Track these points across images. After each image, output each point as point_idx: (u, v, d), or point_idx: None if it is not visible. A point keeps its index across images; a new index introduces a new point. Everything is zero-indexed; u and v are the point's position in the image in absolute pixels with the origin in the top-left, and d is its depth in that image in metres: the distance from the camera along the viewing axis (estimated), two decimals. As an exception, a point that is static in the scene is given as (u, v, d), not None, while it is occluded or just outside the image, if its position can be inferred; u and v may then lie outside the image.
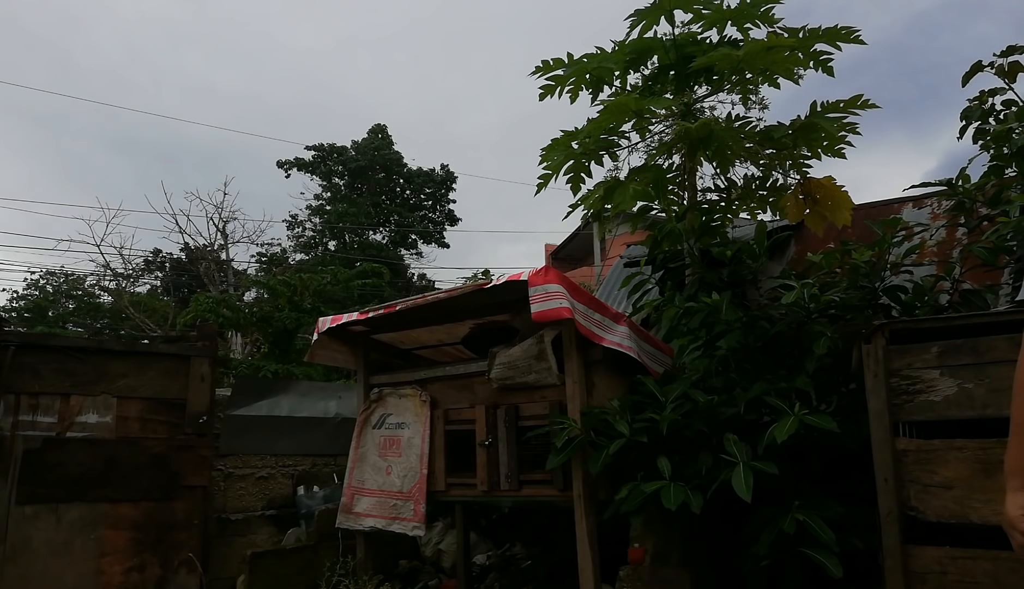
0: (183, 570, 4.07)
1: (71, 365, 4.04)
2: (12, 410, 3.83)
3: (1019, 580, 2.22)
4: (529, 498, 3.56)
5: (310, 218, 27.34)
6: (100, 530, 3.89)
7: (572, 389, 3.34)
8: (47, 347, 4.07)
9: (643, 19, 3.85)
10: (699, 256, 4.02)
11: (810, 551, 2.54)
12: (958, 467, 2.37)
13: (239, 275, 21.92)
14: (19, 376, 3.88)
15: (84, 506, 3.88)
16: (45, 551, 3.74)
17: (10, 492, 3.71)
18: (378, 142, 27.93)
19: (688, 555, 3.22)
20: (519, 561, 4.81)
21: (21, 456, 3.76)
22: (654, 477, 2.88)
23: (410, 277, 27.43)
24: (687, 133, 3.67)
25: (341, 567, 3.94)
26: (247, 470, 5.14)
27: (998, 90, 3.76)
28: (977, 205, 3.48)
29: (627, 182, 3.98)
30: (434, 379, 4.05)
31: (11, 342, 3.89)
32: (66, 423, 3.97)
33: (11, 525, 3.68)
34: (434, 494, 3.88)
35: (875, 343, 2.57)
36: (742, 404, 2.99)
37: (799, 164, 3.97)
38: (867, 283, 3.32)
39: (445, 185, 28.66)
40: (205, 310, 10.74)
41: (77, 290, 23.74)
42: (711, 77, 4.05)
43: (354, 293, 13.45)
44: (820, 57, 3.76)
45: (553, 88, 4.07)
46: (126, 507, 3.99)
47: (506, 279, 3.40)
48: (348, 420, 5.13)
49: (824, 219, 3.86)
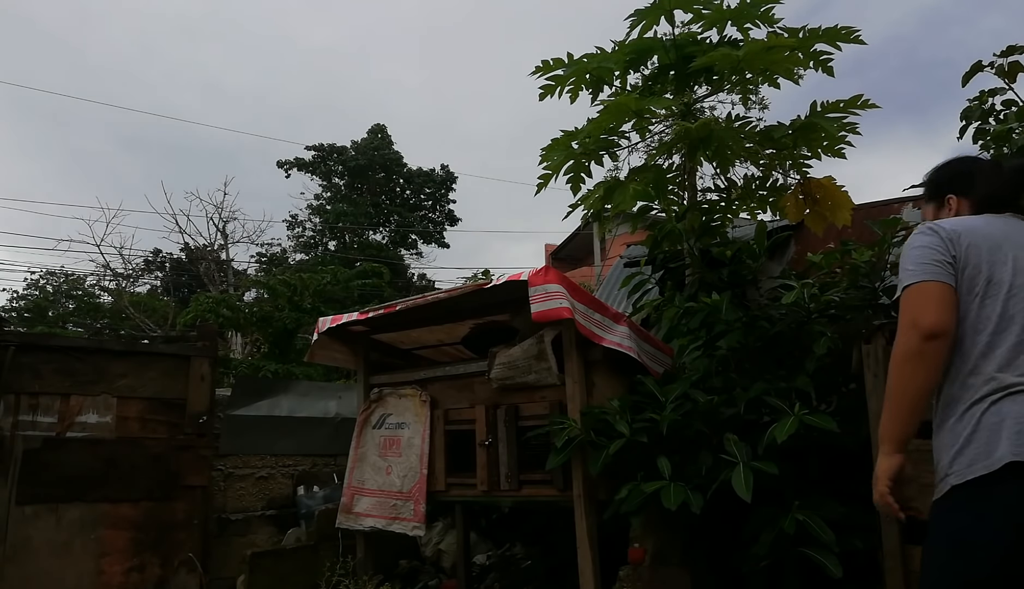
0: (183, 570, 4.07)
1: (71, 365, 4.04)
2: (12, 410, 3.83)
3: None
4: (529, 498, 3.56)
5: (310, 218, 27.35)
6: (100, 530, 3.89)
7: (572, 389, 3.34)
8: (47, 347, 4.07)
9: (643, 19, 3.85)
10: (699, 256, 4.02)
11: (810, 551, 2.54)
12: (958, 467, 2.37)
13: (239, 275, 21.93)
14: (19, 376, 3.88)
15: (84, 506, 3.88)
16: (45, 551, 3.73)
17: (10, 492, 3.71)
18: (378, 142, 27.92)
19: (688, 555, 3.22)
20: (519, 561, 4.81)
21: (21, 456, 3.76)
22: (654, 477, 2.88)
23: (410, 277, 27.43)
24: (687, 133, 3.66)
25: (341, 567, 3.94)
26: (247, 470, 5.14)
27: (998, 90, 3.75)
28: (977, 205, 3.48)
29: (627, 182, 3.98)
30: (434, 379, 4.05)
31: (11, 342, 3.89)
32: (66, 423, 3.97)
33: (11, 525, 3.68)
34: (434, 494, 3.88)
35: (875, 343, 2.57)
36: (742, 404, 2.99)
37: (799, 164, 3.97)
38: (867, 283, 3.32)
39: (445, 185, 28.66)
40: (205, 310, 10.74)
41: (77, 290, 23.75)
42: (711, 77, 4.05)
43: (354, 293, 13.45)
44: (820, 57, 3.76)
45: (553, 88, 4.07)
46: (126, 507, 3.99)
47: (506, 279, 3.40)
48: (348, 420, 5.13)
49: (824, 219, 3.86)
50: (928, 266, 1.61)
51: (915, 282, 1.61)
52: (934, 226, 1.69)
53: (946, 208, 1.88)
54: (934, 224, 1.70)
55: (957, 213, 1.84)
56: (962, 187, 1.86)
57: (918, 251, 1.65)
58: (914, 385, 1.56)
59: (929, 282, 1.59)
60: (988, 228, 1.68)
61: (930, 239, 1.66)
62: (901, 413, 1.59)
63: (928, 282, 1.59)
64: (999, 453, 1.46)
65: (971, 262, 1.62)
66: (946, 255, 1.62)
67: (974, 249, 1.63)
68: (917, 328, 1.55)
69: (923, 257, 1.63)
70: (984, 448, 1.49)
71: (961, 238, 1.64)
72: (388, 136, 28.47)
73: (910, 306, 1.60)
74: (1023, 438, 1.45)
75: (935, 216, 1.90)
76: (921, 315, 1.56)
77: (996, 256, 1.62)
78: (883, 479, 1.62)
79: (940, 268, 1.60)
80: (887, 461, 1.62)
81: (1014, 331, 1.56)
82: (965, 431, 1.53)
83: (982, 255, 1.62)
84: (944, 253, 1.62)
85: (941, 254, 1.62)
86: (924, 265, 1.62)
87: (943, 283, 1.59)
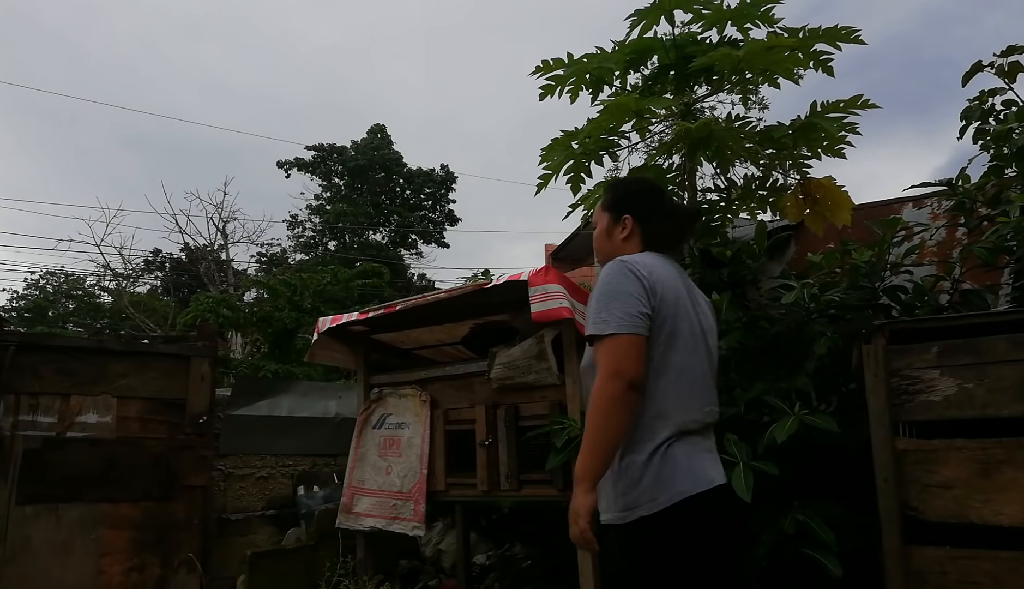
0: (183, 570, 4.07)
1: (71, 365, 4.04)
2: (12, 410, 3.82)
3: (1019, 580, 2.22)
4: (529, 498, 3.56)
5: (310, 218, 27.36)
6: (100, 530, 3.89)
7: (572, 389, 3.34)
8: (47, 347, 4.07)
9: (643, 19, 3.85)
10: (699, 256, 4.02)
11: (810, 551, 2.54)
12: (958, 467, 2.37)
13: (239, 275, 21.94)
14: (19, 376, 3.87)
15: (84, 506, 3.88)
16: (45, 551, 3.73)
17: (10, 492, 3.71)
18: (378, 142, 27.93)
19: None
20: (519, 561, 4.81)
21: (21, 456, 3.76)
22: (654, 477, 2.87)
23: (410, 277, 27.43)
24: (687, 133, 3.66)
25: (341, 567, 3.94)
26: (247, 470, 5.14)
27: (998, 90, 3.76)
28: (977, 205, 3.48)
29: (627, 182, 3.98)
30: (434, 379, 4.05)
31: (11, 342, 3.89)
32: (66, 423, 3.97)
33: (11, 525, 3.68)
34: (434, 494, 3.88)
35: (875, 343, 2.57)
36: (742, 404, 2.99)
37: (799, 164, 3.96)
38: (867, 283, 3.32)
39: (445, 185, 28.67)
40: (205, 310, 10.75)
41: (77, 290, 23.75)
42: (711, 77, 4.05)
43: (354, 293, 13.45)
44: (820, 57, 3.76)
45: (553, 88, 4.07)
46: (126, 507, 3.99)
47: (506, 279, 3.41)
48: (348, 420, 5.13)
49: (824, 219, 3.86)
50: (635, 319, 1.75)
51: (623, 334, 1.73)
52: (639, 272, 1.80)
53: (620, 225, 2.02)
54: (639, 269, 1.81)
55: (630, 234, 1.99)
56: (642, 213, 2.00)
57: (626, 299, 1.77)
58: (615, 431, 1.71)
59: (634, 336, 1.74)
60: (669, 277, 1.86)
61: (636, 287, 1.79)
62: (600, 454, 1.71)
63: (633, 336, 1.74)
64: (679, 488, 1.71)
65: (662, 313, 1.79)
66: (647, 307, 1.77)
67: (665, 302, 1.80)
68: (622, 378, 1.70)
69: (631, 307, 1.76)
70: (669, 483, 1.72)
71: (656, 289, 1.80)
72: (388, 136, 28.48)
73: (617, 356, 1.72)
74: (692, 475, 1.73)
75: (608, 228, 2.05)
76: (626, 367, 1.71)
77: (678, 309, 1.83)
78: (585, 516, 1.73)
79: (643, 320, 1.76)
80: (587, 498, 1.72)
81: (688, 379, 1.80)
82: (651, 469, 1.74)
83: (668, 307, 1.81)
84: (646, 305, 1.77)
85: (644, 307, 1.77)
86: (632, 317, 1.75)
87: (643, 337, 1.75)
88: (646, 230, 1.99)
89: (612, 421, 1.70)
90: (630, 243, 1.99)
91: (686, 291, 1.90)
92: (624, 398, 1.70)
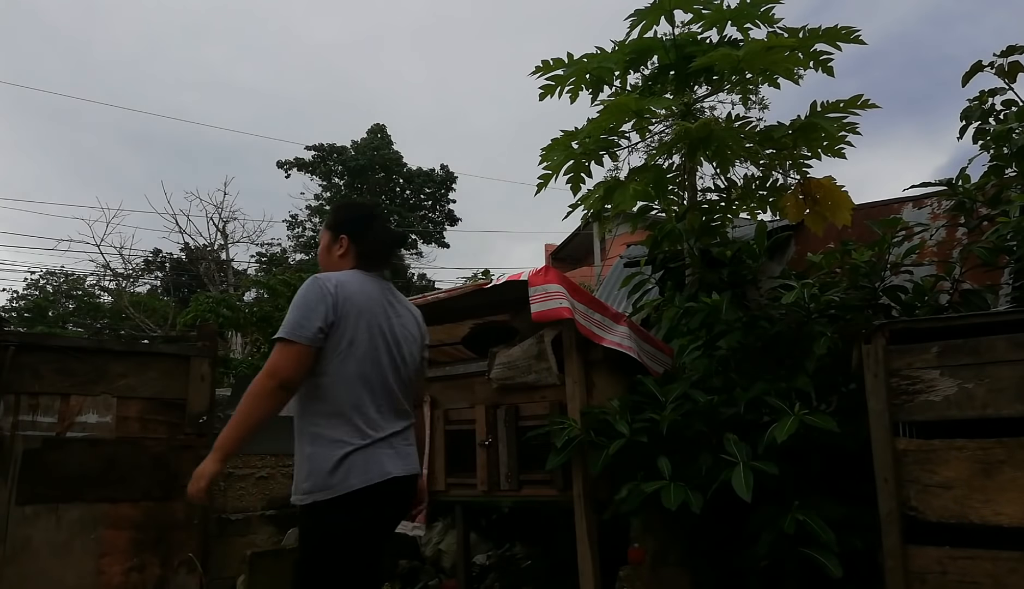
0: (183, 570, 4.07)
1: (71, 365, 4.03)
2: (12, 410, 3.82)
3: (1019, 580, 2.22)
4: (529, 498, 3.56)
5: (310, 218, 27.35)
6: (100, 530, 3.89)
7: (572, 389, 3.34)
8: (47, 347, 4.06)
9: (643, 19, 3.85)
10: (699, 256, 4.02)
11: (810, 551, 2.54)
12: (958, 467, 2.37)
13: (239, 275, 21.94)
14: (19, 376, 3.87)
15: (84, 506, 3.87)
16: (45, 551, 3.73)
17: (10, 492, 3.70)
18: (378, 142, 27.92)
19: (688, 555, 3.22)
20: (519, 561, 4.81)
21: (21, 456, 3.76)
22: (654, 477, 2.87)
23: (410, 277, 27.43)
24: (687, 133, 3.66)
25: (341, 567, 3.93)
26: (247, 470, 5.14)
27: (998, 90, 3.76)
28: (977, 205, 3.48)
29: (627, 182, 3.98)
30: (434, 379, 4.05)
31: (11, 342, 3.88)
32: (66, 423, 3.96)
33: (11, 525, 3.68)
34: (434, 494, 3.88)
35: (875, 343, 2.57)
36: (742, 404, 2.99)
37: (799, 164, 3.97)
38: (867, 283, 3.32)
39: (445, 185, 28.66)
40: (205, 310, 10.75)
41: (77, 290, 23.75)
42: (711, 77, 4.05)
43: (354, 293, 13.42)
44: (820, 57, 3.76)
45: (553, 88, 4.07)
46: (126, 507, 3.98)
47: (506, 279, 3.40)
48: (348, 420, 5.12)
49: (824, 219, 3.86)
50: (309, 331, 1.96)
51: (292, 341, 1.95)
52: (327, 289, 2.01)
53: (338, 244, 2.23)
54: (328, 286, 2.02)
55: (345, 252, 2.21)
56: (357, 234, 2.22)
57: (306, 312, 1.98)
58: (258, 418, 1.94)
59: (300, 345, 1.95)
60: (362, 294, 2.08)
61: (318, 302, 1.99)
62: (242, 436, 1.94)
63: (300, 345, 1.95)
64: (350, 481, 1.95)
65: (341, 326, 2.00)
66: (325, 322, 1.98)
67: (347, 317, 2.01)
68: (275, 378, 1.93)
69: (309, 319, 1.97)
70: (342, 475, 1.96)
71: (341, 305, 2.01)
72: (388, 136, 28.46)
73: (279, 358, 1.95)
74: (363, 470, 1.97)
75: (328, 245, 2.26)
76: (283, 369, 1.94)
77: (361, 322, 2.04)
78: (207, 478, 1.95)
79: (317, 334, 1.96)
80: (216, 466, 1.95)
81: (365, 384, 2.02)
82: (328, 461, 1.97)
83: (350, 321, 2.01)
84: (324, 320, 1.97)
85: (323, 321, 1.97)
86: (304, 328, 1.96)
87: (310, 348, 1.96)
88: (359, 250, 2.21)
89: (256, 411, 1.93)
90: (345, 260, 2.21)
91: (384, 306, 2.14)
92: (273, 395, 1.93)
